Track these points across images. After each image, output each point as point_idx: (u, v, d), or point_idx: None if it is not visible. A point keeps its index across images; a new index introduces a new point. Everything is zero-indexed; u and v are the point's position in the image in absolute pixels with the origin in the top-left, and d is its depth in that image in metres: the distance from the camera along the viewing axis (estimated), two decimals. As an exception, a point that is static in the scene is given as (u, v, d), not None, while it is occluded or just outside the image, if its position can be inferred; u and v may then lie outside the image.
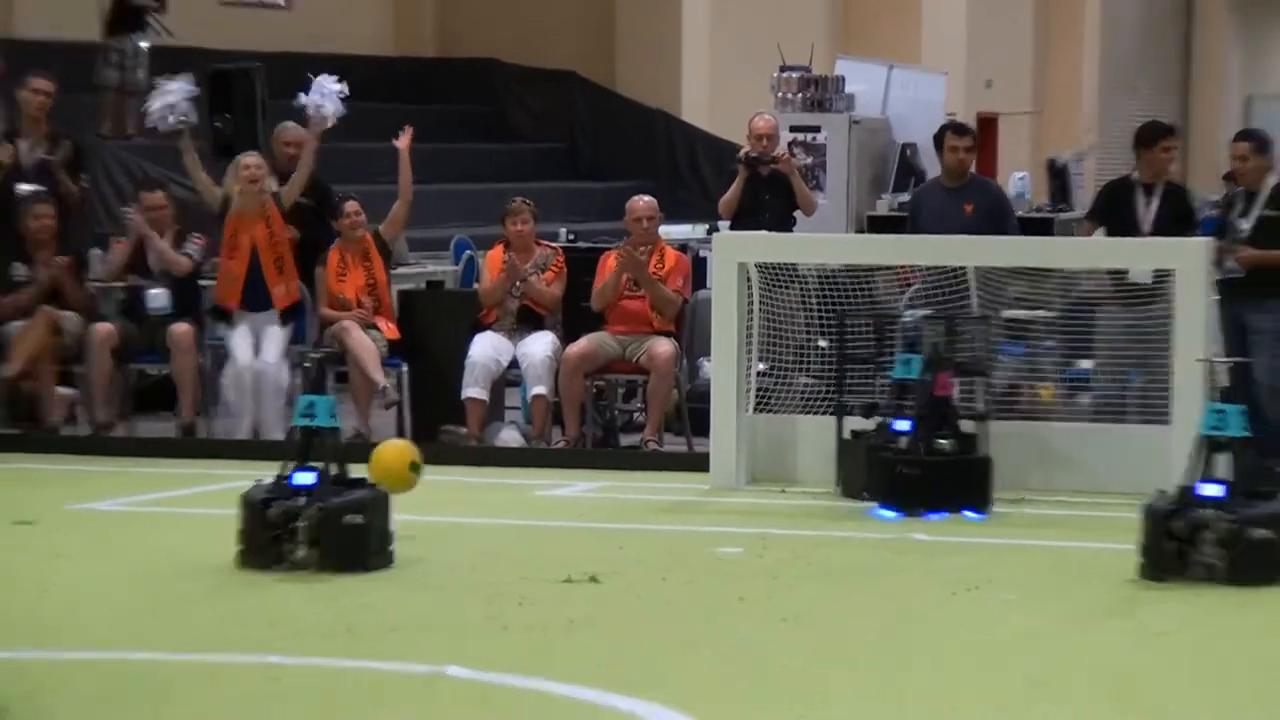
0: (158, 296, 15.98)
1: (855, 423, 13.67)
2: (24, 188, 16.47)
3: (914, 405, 13.12)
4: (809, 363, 14.07)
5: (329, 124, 16.00)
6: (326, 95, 15.98)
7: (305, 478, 11.14)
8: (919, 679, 8.92)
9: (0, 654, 9.07)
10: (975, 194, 16.27)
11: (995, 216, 16.27)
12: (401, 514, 11.44)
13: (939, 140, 17.01)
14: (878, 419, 13.42)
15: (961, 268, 14.13)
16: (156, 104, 16.70)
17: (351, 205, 16.18)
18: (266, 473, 12.08)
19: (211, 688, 8.77)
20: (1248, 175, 14.86)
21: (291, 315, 15.93)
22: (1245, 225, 14.53)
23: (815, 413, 14.00)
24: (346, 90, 16.19)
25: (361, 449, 12.14)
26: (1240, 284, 14.15)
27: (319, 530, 10.94)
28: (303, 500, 11.00)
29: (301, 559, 10.90)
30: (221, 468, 14.32)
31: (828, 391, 13.98)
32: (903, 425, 13.04)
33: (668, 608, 10.50)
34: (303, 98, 16.15)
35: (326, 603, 10.39)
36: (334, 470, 11.31)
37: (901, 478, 12.67)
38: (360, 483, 11.43)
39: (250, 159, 15.91)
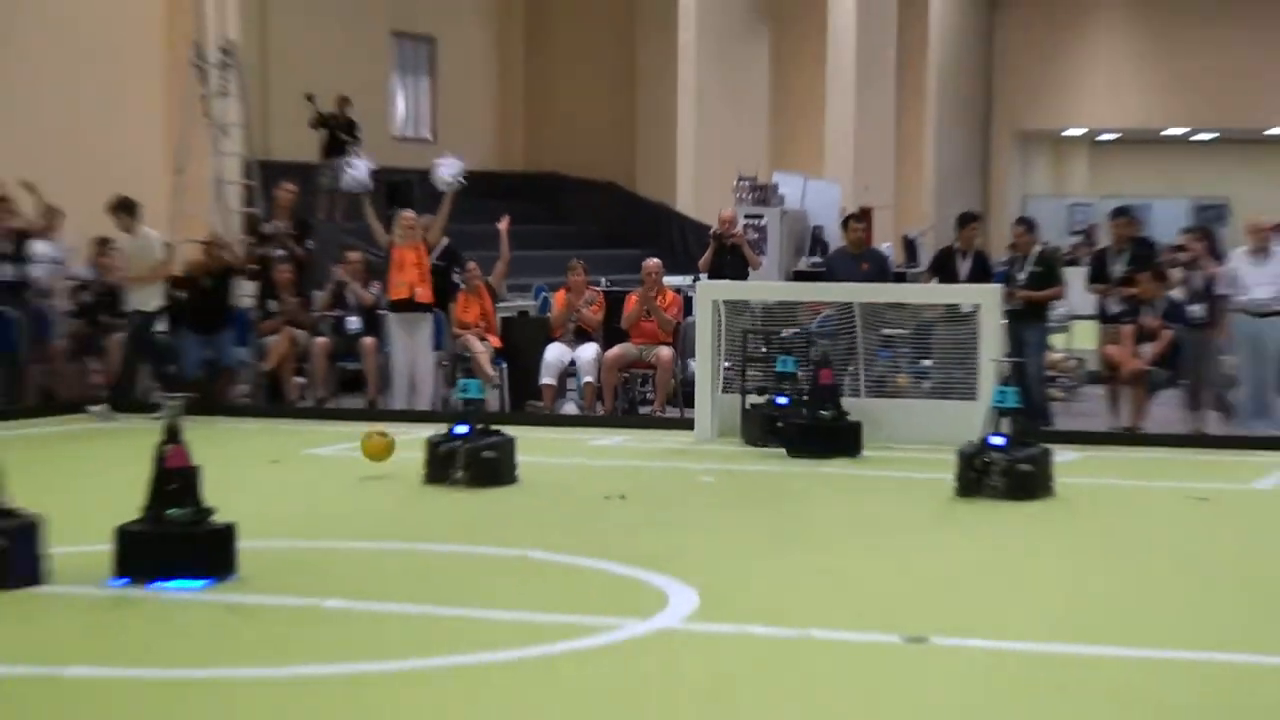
0: (353, 322, 16.08)
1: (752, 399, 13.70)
2: (277, 251, 16.62)
3: (792, 388, 13.24)
4: (766, 361, 14.07)
5: (443, 187, 16.10)
6: (443, 168, 16.10)
7: (462, 429, 11.33)
8: (829, 551, 9.13)
9: (260, 542, 9.15)
10: (869, 258, 16.27)
11: (882, 271, 16.38)
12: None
13: (845, 223, 17.15)
14: (766, 396, 13.47)
15: (850, 303, 14.21)
16: (349, 173, 17.00)
17: (472, 265, 16.25)
18: (419, 430, 12.35)
19: (384, 566, 8.93)
20: (1022, 245, 14.91)
21: (428, 309, 15.71)
22: (1021, 277, 14.56)
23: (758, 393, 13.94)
24: (456, 164, 16.29)
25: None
26: (1018, 313, 14.20)
27: (470, 461, 11.15)
28: (460, 443, 11.20)
29: (459, 479, 11.11)
30: (392, 427, 14.37)
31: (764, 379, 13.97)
32: (782, 400, 13.19)
33: (671, 514, 10.57)
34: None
35: (470, 508, 10.54)
36: (479, 425, 11.47)
37: (792, 435, 12.72)
38: (496, 432, 11.61)
39: (408, 214, 15.98)
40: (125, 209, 15.68)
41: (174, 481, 7.92)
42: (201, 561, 7.94)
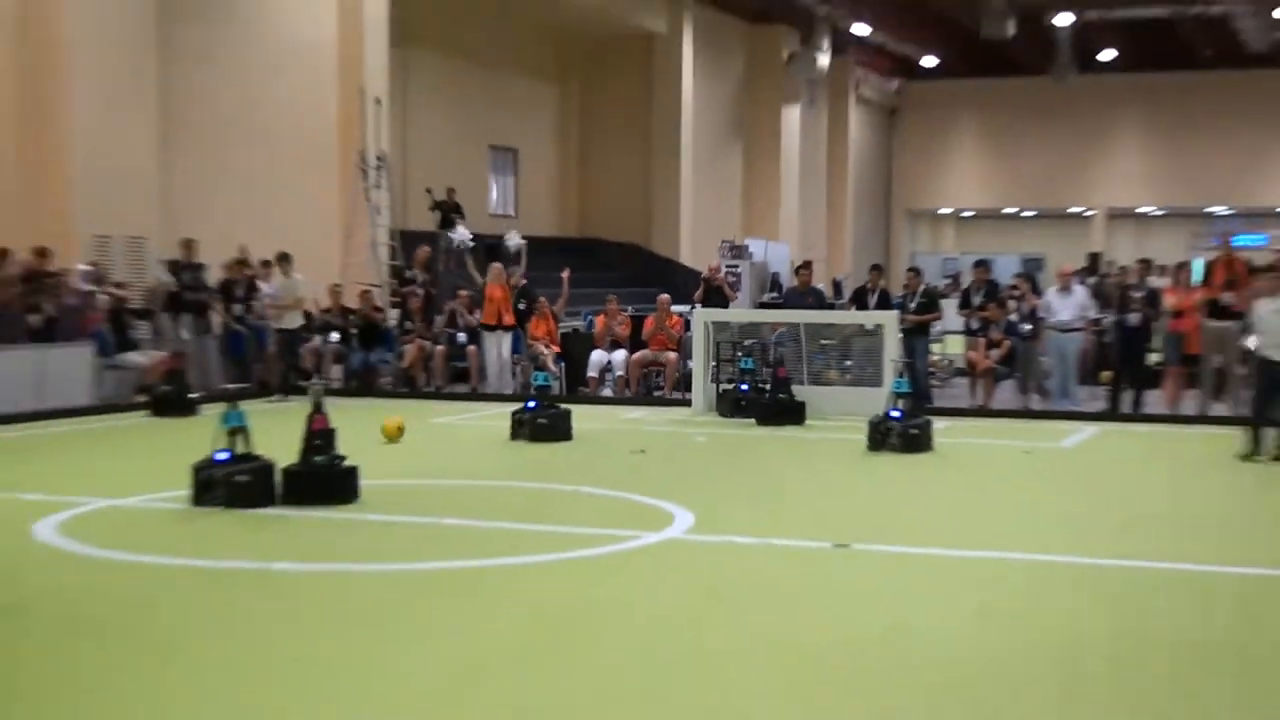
0: (461, 336, 15.91)
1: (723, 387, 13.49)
2: (416, 289, 16.58)
3: (751, 379, 13.13)
4: (733, 362, 13.99)
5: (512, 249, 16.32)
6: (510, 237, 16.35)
7: (532, 404, 11.29)
8: (783, 487, 9.04)
9: (404, 481, 9.11)
10: (811, 294, 16.04)
11: (819, 303, 16.19)
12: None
13: (796, 271, 16.98)
14: (734, 384, 13.37)
15: (798, 323, 14.13)
16: (457, 237, 17.28)
17: (542, 300, 16.11)
18: (504, 407, 12.31)
19: (485, 496, 8.86)
20: (912, 285, 14.75)
21: (509, 330, 15.64)
22: (912, 306, 14.42)
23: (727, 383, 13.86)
24: (520, 237, 16.67)
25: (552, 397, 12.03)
26: (909, 330, 13.95)
27: (534, 424, 11.11)
28: (528, 414, 11.16)
29: (528, 436, 11.03)
30: (487, 405, 14.34)
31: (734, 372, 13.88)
32: (744, 387, 13.13)
33: (677, 461, 10.48)
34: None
35: (541, 456, 10.42)
36: (546, 403, 11.44)
37: (758, 407, 12.69)
38: (557, 407, 11.53)
39: (496, 265, 16.02)
40: (283, 259, 15.48)
41: (318, 439, 8.09)
42: (335, 491, 8.05)
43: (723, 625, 5.45)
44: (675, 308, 16.51)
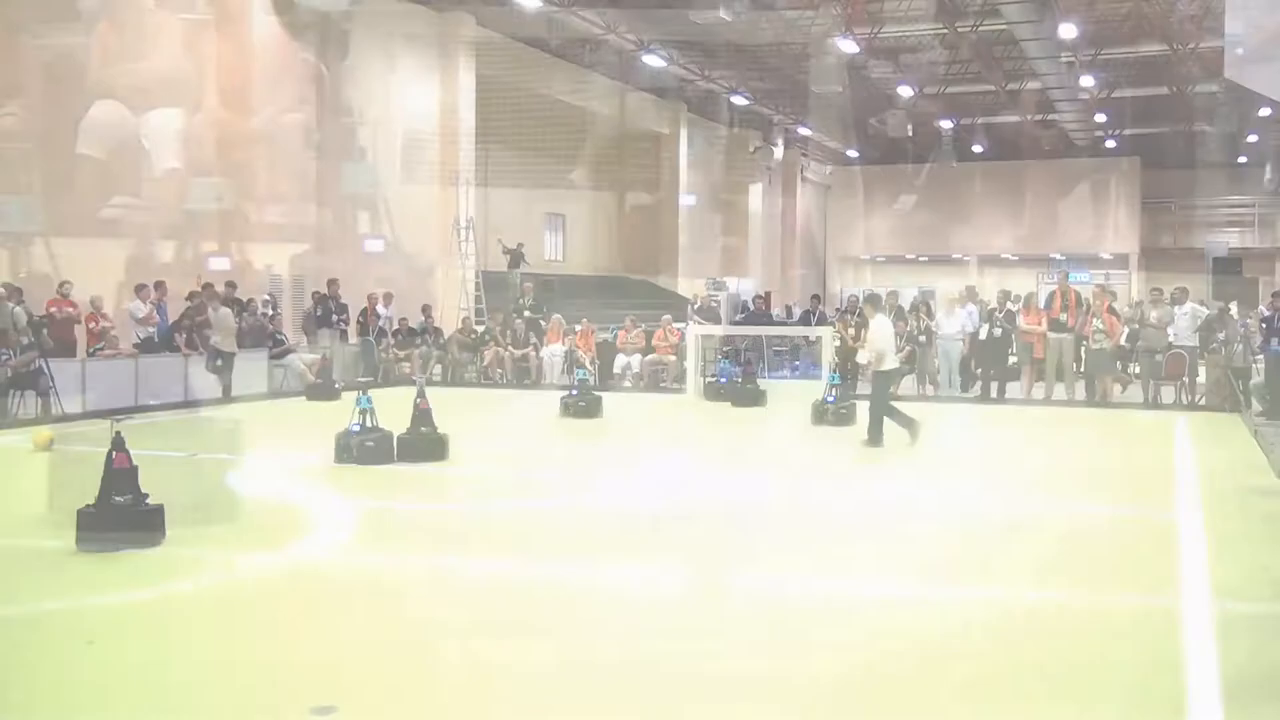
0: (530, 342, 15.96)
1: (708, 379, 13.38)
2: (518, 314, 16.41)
3: (727, 374, 12.97)
4: (719, 360, 13.85)
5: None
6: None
7: (574, 392, 11.11)
8: (750, 443, 8.88)
9: (482, 444, 8.97)
10: (766, 316, 15.98)
11: (773, 322, 16.01)
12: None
13: (758, 299, 16.76)
14: (716, 377, 13.20)
15: (759, 335, 13.96)
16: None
17: (585, 321, 15.94)
18: (556, 394, 12.13)
19: (541, 454, 8.69)
20: (851, 307, 14.59)
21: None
22: (853, 323, 14.23)
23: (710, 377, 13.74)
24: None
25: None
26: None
27: (576, 406, 10.88)
28: (571, 399, 10.97)
29: (572, 414, 10.80)
30: (544, 392, 14.22)
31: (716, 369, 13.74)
32: (723, 379, 12.93)
33: (676, 432, 10.32)
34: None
35: (581, 427, 10.23)
36: (586, 389, 11.24)
37: (733, 394, 12.43)
38: (592, 393, 11.21)
39: (557, 316, 15.77)
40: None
41: (422, 414, 7.96)
42: (430, 451, 7.87)
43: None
44: (675, 325, 16.42)
